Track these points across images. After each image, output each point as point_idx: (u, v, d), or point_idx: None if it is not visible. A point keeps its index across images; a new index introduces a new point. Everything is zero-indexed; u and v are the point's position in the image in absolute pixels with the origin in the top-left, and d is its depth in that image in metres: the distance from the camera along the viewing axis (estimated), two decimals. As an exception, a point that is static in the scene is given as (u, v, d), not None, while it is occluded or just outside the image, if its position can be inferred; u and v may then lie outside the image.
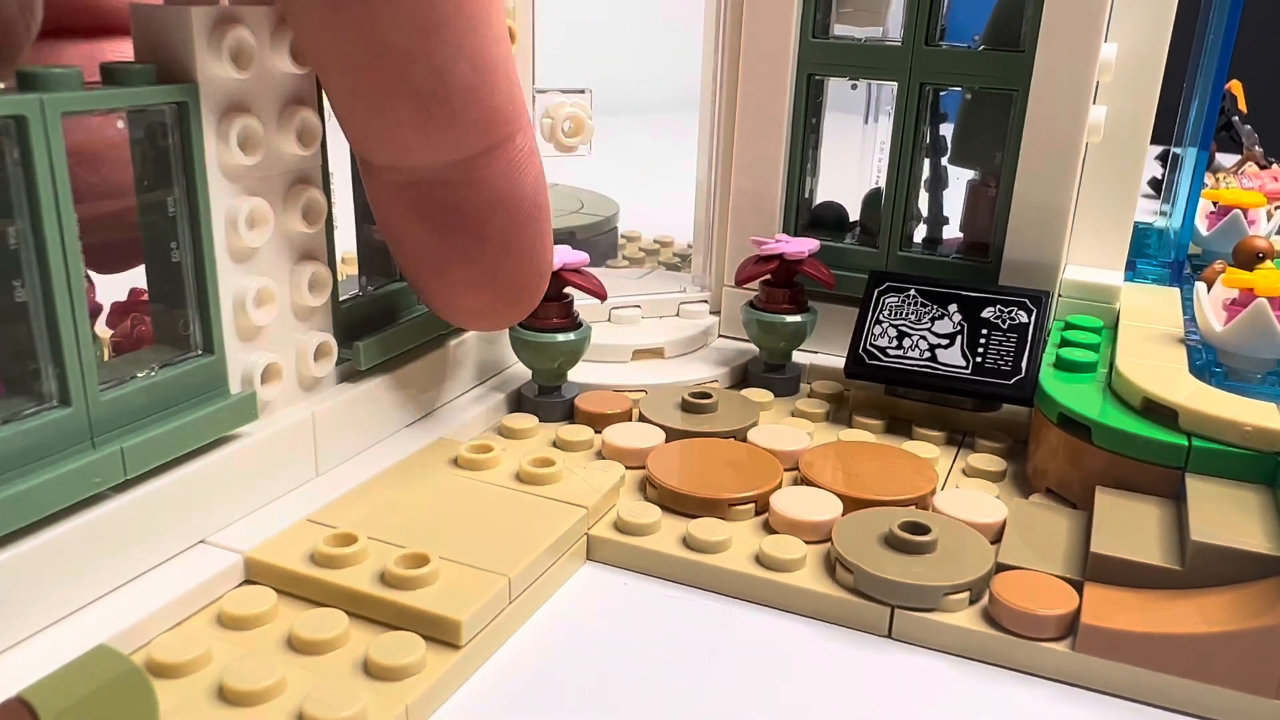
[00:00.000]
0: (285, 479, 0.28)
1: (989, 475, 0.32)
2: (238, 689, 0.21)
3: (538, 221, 0.26)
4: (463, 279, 0.27)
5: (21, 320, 0.21)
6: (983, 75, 0.37)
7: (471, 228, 0.25)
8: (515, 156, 0.25)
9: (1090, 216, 0.40)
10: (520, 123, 0.25)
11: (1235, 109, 0.85)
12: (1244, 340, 0.33)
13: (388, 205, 0.26)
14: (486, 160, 0.24)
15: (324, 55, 0.24)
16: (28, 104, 0.20)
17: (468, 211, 0.25)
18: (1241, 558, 0.24)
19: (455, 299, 0.28)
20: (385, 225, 0.27)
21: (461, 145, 0.24)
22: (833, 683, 0.24)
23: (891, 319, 0.36)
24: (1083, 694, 0.24)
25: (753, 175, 0.41)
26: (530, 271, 0.27)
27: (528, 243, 0.26)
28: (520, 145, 0.25)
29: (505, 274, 0.27)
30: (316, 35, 0.23)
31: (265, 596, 0.24)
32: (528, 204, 0.25)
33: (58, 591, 0.22)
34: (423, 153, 0.24)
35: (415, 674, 0.22)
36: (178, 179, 0.24)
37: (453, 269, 0.26)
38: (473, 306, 0.28)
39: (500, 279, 0.27)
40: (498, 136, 0.24)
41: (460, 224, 0.25)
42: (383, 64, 0.23)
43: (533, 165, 0.26)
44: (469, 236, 0.25)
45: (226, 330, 0.26)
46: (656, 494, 0.30)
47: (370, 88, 0.23)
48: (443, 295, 0.28)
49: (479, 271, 0.26)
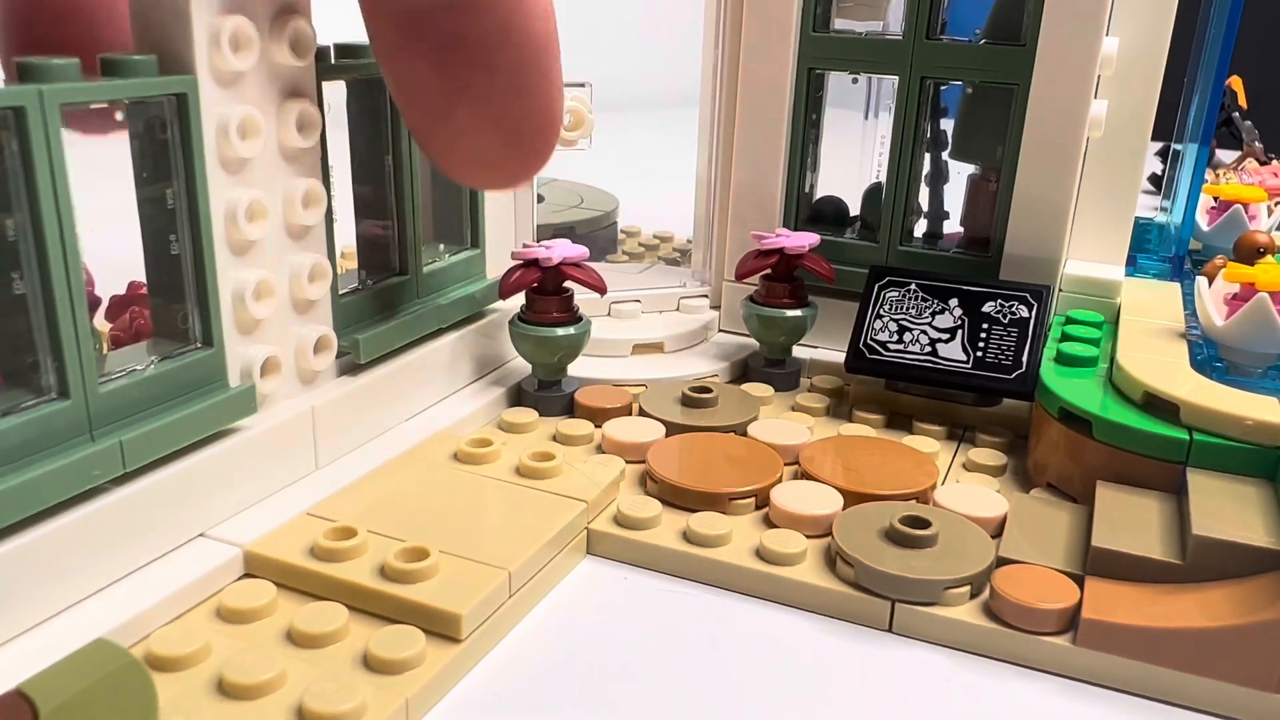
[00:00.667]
0: (285, 472, 0.28)
1: (989, 470, 0.32)
2: (237, 682, 0.21)
3: (549, 58, 0.25)
4: (470, 121, 0.25)
5: (21, 313, 0.21)
6: (984, 70, 0.37)
7: (479, 60, 0.24)
8: None
9: (1091, 211, 0.39)
10: None
11: (1236, 105, 0.85)
12: (1245, 335, 0.33)
13: (392, 40, 0.24)
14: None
15: None
16: (26, 95, 0.20)
17: (474, 41, 0.24)
18: (1242, 552, 0.24)
19: (463, 146, 0.26)
20: (387, 62, 0.25)
21: None
22: (833, 677, 0.24)
23: (892, 314, 0.36)
24: (1083, 688, 0.24)
25: (753, 170, 0.41)
26: (541, 114, 0.26)
27: (538, 82, 0.25)
28: None
29: (515, 115, 0.25)
30: None
31: (265, 590, 0.24)
32: (538, 37, 0.24)
33: (57, 584, 0.22)
34: None
35: (415, 667, 0.22)
36: (177, 171, 0.24)
37: (460, 110, 0.25)
38: (481, 154, 0.26)
39: (510, 121, 0.25)
40: None
41: (467, 56, 0.24)
42: None
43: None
44: (477, 69, 0.24)
45: (226, 323, 0.26)
46: (656, 488, 0.30)
47: None
48: (450, 142, 0.26)
49: (487, 112, 0.25)
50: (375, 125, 0.31)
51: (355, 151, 0.31)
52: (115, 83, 0.22)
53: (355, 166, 0.32)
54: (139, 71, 0.23)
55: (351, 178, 0.31)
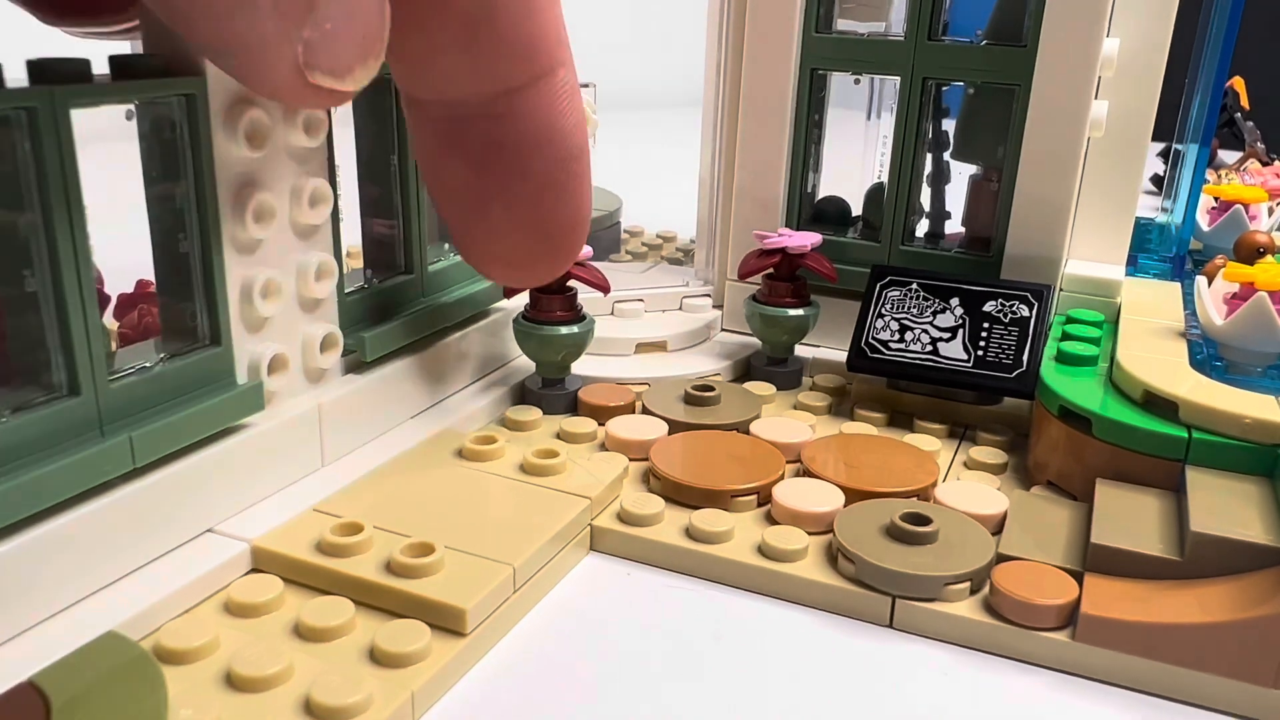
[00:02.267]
0: (292, 469, 0.28)
1: (990, 468, 0.33)
2: (245, 675, 0.21)
3: (579, 162, 0.26)
4: (503, 222, 0.26)
5: (32, 310, 0.22)
6: (985, 70, 0.37)
7: (513, 165, 0.25)
8: (559, 90, 0.24)
9: (1092, 211, 0.40)
10: (564, 57, 0.24)
11: (1237, 105, 0.85)
12: (1244, 334, 0.33)
13: (430, 142, 0.26)
14: (530, 93, 0.24)
15: None
16: (38, 95, 0.20)
17: (509, 147, 0.25)
18: (1240, 548, 0.24)
19: (494, 245, 0.27)
20: (427, 165, 0.26)
21: (505, 74, 0.24)
22: (834, 672, 0.24)
23: (894, 313, 0.36)
24: (1082, 683, 0.24)
25: (755, 170, 0.41)
26: (571, 216, 0.27)
27: (569, 183, 0.26)
28: (564, 80, 0.25)
29: (546, 216, 0.26)
30: None
31: (272, 584, 0.24)
32: (570, 143, 0.25)
33: (67, 578, 0.22)
34: (466, 81, 0.24)
35: (420, 661, 0.22)
36: (185, 171, 0.24)
37: (494, 211, 0.26)
38: (512, 254, 0.28)
39: (541, 222, 0.26)
40: (541, 68, 0.24)
41: (502, 161, 0.25)
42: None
43: (575, 104, 0.25)
44: (511, 174, 0.25)
45: (233, 321, 0.26)
46: (659, 485, 0.30)
47: (418, 7, 0.23)
48: (483, 241, 0.27)
49: (520, 214, 0.26)
50: (381, 125, 0.31)
51: (361, 151, 0.32)
52: (125, 83, 0.23)
53: (361, 166, 0.32)
54: (148, 72, 0.23)
55: (358, 177, 0.32)
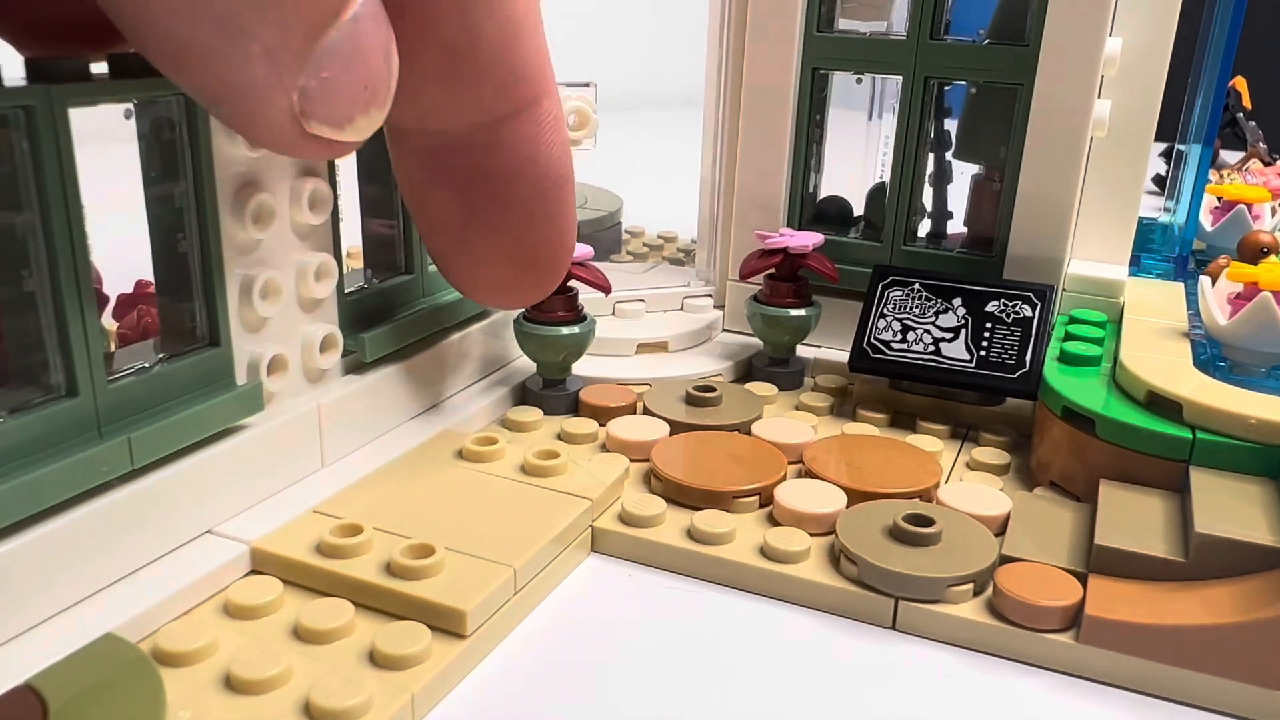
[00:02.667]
0: (291, 470, 0.28)
1: (993, 468, 0.32)
2: (244, 678, 0.21)
3: (563, 191, 0.26)
4: (487, 250, 0.26)
5: (30, 311, 0.21)
6: (987, 70, 0.37)
7: (497, 194, 0.25)
8: (542, 121, 0.25)
9: (1095, 211, 0.40)
10: (547, 87, 0.25)
11: (1240, 105, 0.85)
12: (1248, 334, 0.33)
13: (414, 172, 0.26)
14: (513, 124, 0.24)
15: None
16: (36, 94, 0.20)
17: (494, 177, 0.25)
18: (1245, 550, 0.24)
19: (480, 271, 0.28)
20: (411, 193, 0.26)
21: (488, 105, 0.24)
22: (837, 674, 0.24)
23: (896, 313, 0.36)
24: (1086, 685, 0.24)
25: (757, 170, 0.41)
26: (555, 243, 0.27)
27: (553, 212, 0.26)
28: (547, 110, 0.25)
29: (530, 244, 0.27)
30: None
31: (271, 586, 0.24)
32: (554, 172, 0.25)
33: (65, 580, 0.22)
34: (450, 112, 0.24)
35: (421, 663, 0.22)
36: (184, 171, 0.24)
37: (477, 239, 0.26)
38: (497, 280, 0.28)
39: (525, 249, 0.27)
40: (524, 99, 0.24)
41: (486, 190, 0.25)
42: (415, 16, 0.22)
43: (559, 133, 0.26)
44: (495, 203, 0.25)
45: (232, 322, 0.26)
46: (661, 486, 0.30)
47: (400, 39, 0.23)
48: (468, 268, 0.28)
49: (504, 241, 0.26)
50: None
51: (361, 151, 0.31)
52: (124, 82, 0.23)
53: (361, 166, 0.32)
54: (147, 71, 0.23)
55: (357, 177, 0.31)
